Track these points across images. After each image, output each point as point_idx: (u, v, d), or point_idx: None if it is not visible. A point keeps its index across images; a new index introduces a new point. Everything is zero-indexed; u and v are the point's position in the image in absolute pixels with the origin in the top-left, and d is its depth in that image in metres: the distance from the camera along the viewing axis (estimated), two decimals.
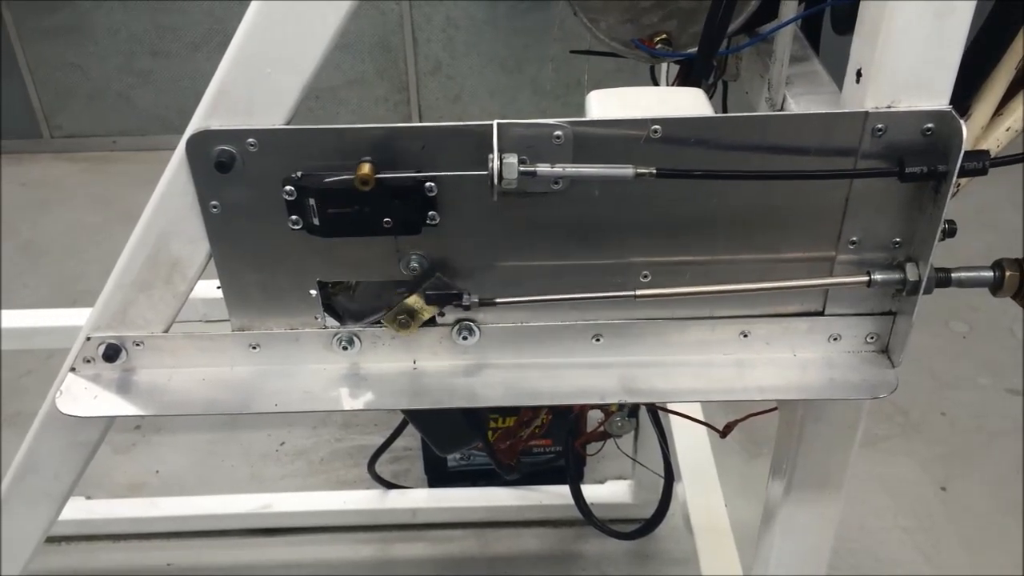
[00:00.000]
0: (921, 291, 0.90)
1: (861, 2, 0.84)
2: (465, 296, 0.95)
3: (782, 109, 1.05)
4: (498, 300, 0.95)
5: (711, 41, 0.98)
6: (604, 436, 1.59)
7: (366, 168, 0.86)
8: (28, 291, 3.16)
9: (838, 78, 1.06)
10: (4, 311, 1.94)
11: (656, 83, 1.54)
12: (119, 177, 3.83)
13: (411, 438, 2.30)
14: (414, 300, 0.95)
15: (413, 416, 1.27)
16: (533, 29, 3.73)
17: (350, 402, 1.00)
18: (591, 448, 1.75)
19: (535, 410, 1.47)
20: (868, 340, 0.98)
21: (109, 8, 3.75)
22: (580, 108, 0.97)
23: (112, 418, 1.05)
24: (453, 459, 2.27)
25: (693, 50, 1.09)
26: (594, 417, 1.60)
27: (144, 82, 3.91)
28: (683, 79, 1.31)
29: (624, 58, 1.15)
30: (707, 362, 1.00)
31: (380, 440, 2.15)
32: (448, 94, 3.92)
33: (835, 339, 0.98)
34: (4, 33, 3.79)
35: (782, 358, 1.00)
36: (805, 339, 0.99)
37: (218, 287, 0.99)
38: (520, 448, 1.50)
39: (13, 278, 3.22)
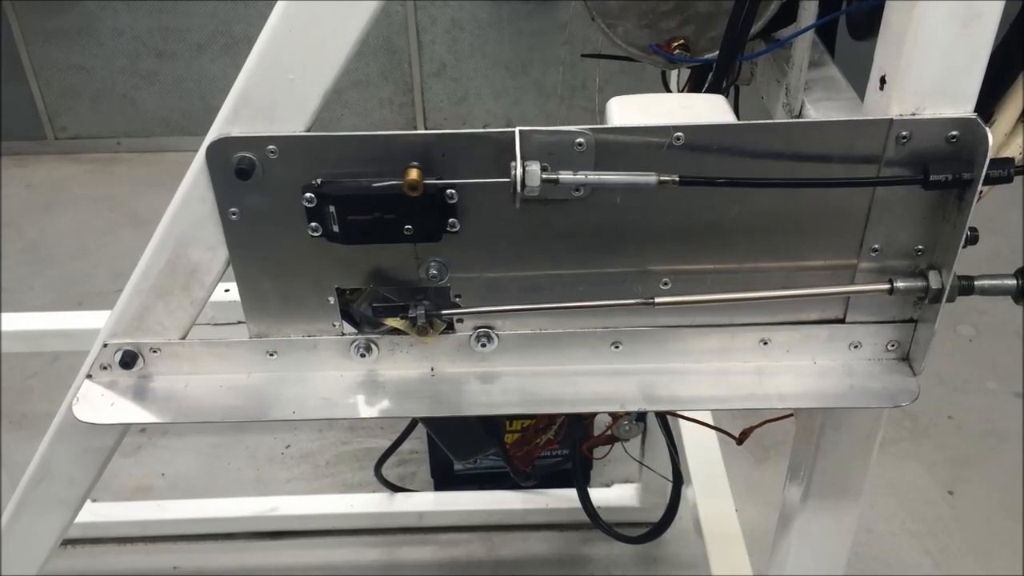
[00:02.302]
0: (944, 299, 0.89)
1: (886, 9, 0.84)
2: (411, 308, 0.95)
3: (800, 115, 1.05)
4: (445, 313, 0.96)
5: (732, 47, 0.98)
6: (611, 440, 1.59)
7: (414, 173, 0.86)
8: (34, 293, 3.16)
9: (853, 82, 1.06)
10: (10, 314, 1.94)
11: (667, 87, 1.54)
12: (124, 179, 3.83)
13: (417, 441, 2.29)
14: (395, 322, 0.96)
15: (430, 423, 1.26)
16: (538, 31, 3.72)
17: (368, 409, 1.00)
18: (598, 451, 1.75)
19: (552, 416, 1.46)
20: (889, 348, 0.98)
21: (114, 10, 3.74)
22: (586, 110, 0.96)
23: (128, 425, 1.04)
24: (459, 462, 2.27)
25: (710, 55, 1.09)
26: (601, 420, 1.60)
27: (148, 84, 3.91)
28: (695, 83, 1.31)
29: (630, 61, 1.14)
30: (727, 369, 1.00)
31: (387, 443, 2.15)
32: (453, 96, 3.91)
33: (856, 347, 0.98)
34: (9, 35, 3.79)
35: (802, 366, 0.99)
36: (825, 347, 0.98)
37: (226, 290, 0.99)
38: (536, 455, 1.50)
39: (19, 280, 3.21)
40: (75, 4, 3.73)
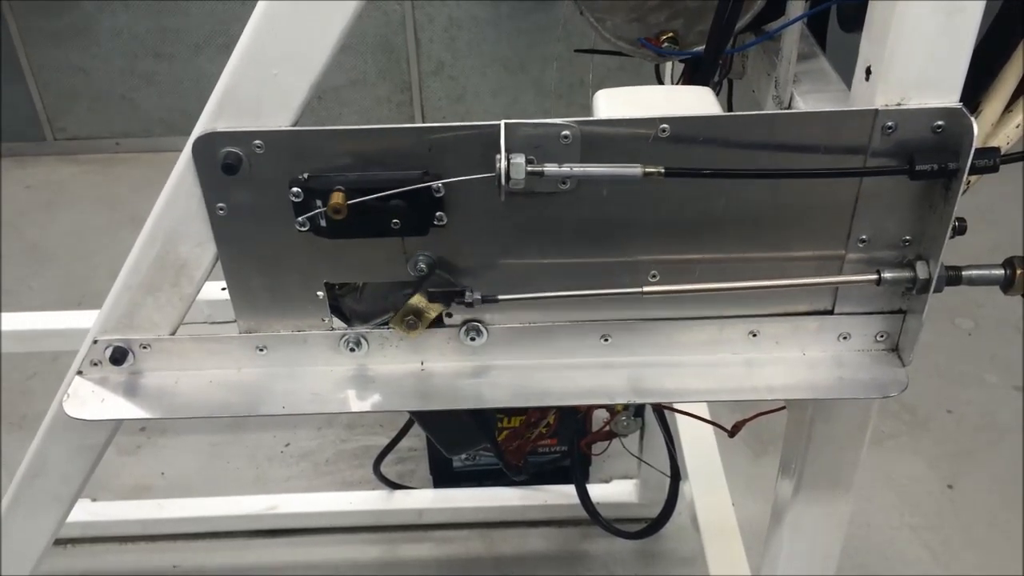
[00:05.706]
0: (931, 289, 0.89)
1: (870, 0, 0.84)
2: (468, 292, 0.94)
3: (790, 107, 1.05)
4: (501, 297, 0.95)
5: (718, 40, 0.98)
6: (610, 435, 1.59)
7: (338, 197, 0.86)
8: (34, 293, 3.16)
9: (845, 75, 1.06)
10: (10, 313, 1.94)
11: (661, 82, 1.53)
12: (123, 179, 3.83)
13: (416, 439, 2.29)
14: (418, 299, 0.95)
15: (421, 417, 1.27)
16: (536, 29, 3.72)
17: (358, 404, 1.00)
18: (597, 447, 1.75)
19: (543, 411, 1.47)
20: (878, 339, 0.98)
21: (112, 10, 3.75)
22: (584, 107, 0.96)
23: (119, 421, 1.05)
24: (458, 459, 2.27)
25: (699, 48, 1.09)
26: (600, 416, 1.60)
27: (147, 84, 3.91)
28: (689, 78, 1.31)
29: (628, 57, 1.14)
30: (716, 362, 1.00)
31: (385, 441, 2.15)
32: (451, 94, 3.92)
33: (845, 338, 0.98)
34: (7, 36, 3.79)
35: (791, 357, 0.99)
36: (814, 338, 0.98)
37: (222, 288, 0.99)
38: (528, 449, 1.50)
39: (19, 280, 3.22)
40: (73, 5, 3.74)
